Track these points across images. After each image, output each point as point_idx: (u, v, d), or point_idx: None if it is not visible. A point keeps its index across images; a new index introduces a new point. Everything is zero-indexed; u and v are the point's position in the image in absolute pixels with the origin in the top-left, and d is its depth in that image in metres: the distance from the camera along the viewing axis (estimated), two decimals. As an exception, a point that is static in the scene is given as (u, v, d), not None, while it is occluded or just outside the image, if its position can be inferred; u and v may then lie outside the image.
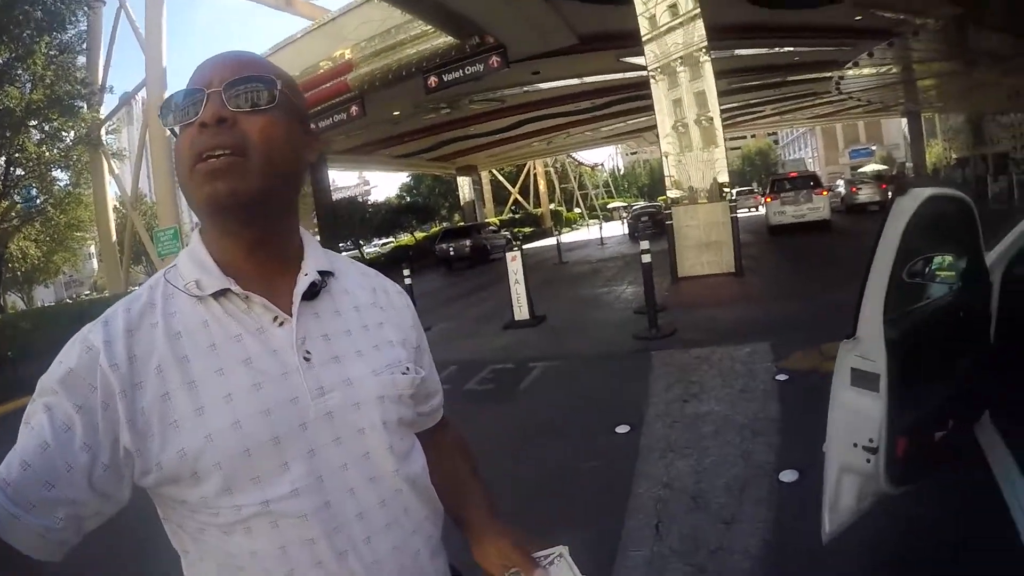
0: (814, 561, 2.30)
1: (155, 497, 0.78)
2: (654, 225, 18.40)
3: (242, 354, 0.77)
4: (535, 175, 42.82)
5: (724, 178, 10.40)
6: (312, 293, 0.83)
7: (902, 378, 1.81)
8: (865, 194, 21.49)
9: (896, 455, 1.82)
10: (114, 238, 20.43)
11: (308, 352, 0.80)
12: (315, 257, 0.87)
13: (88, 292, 48.50)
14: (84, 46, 17.37)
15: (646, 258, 6.76)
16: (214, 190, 0.74)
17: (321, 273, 0.86)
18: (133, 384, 0.73)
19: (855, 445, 1.86)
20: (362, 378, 0.83)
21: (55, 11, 14.30)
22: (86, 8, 16.61)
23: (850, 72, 20.53)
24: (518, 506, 3.01)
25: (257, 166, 0.75)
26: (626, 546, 2.68)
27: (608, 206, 52.84)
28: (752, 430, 3.76)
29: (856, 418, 1.87)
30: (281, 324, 0.80)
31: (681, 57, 10.31)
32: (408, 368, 0.88)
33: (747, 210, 26.26)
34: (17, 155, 17.12)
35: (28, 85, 15.85)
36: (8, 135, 15.75)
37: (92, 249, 34.37)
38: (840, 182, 24.79)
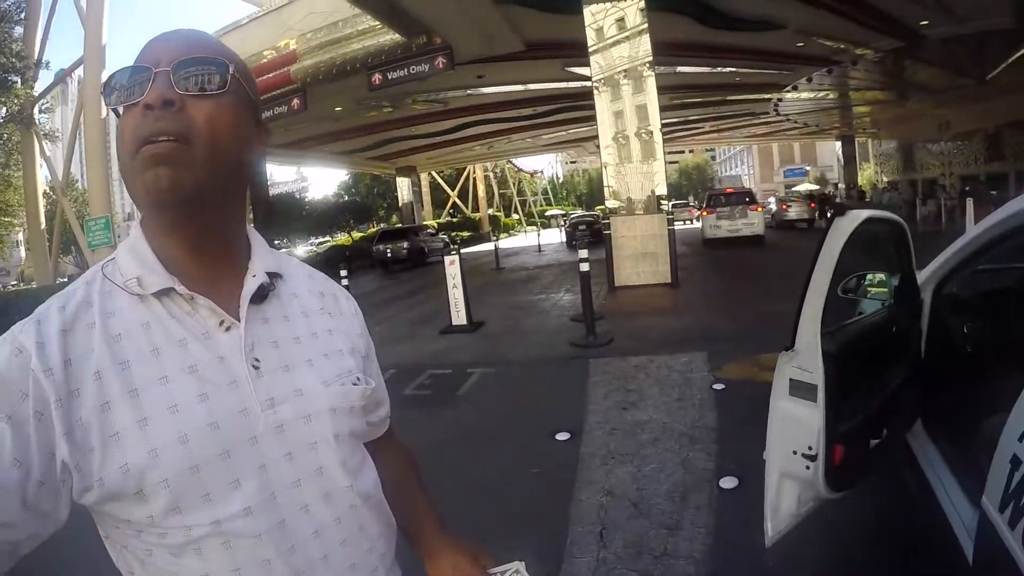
0: (756, 565, 2.37)
1: (97, 516, 0.71)
2: (591, 234, 18.71)
3: (187, 360, 0.71)
4: (475, 179, 42.84)
5: (662, 191, 10.64)
6: (260, 296, 0.78)
7: (839, 388, 1.88)
8: (795, 212, 22.47)
9: (834, 462, 1.89)
10: (43, 225, 18.98)
11: (257, 360, 0.75)
12: (262, 257, 0.81)
13: (15, 283, 45.15)
14: (22, 16, 16.37)
15: (584, 267, 6.84)
16: (156, 178, 0.68)
17: (269, 275, 0.81)
18: (69, 391, 0.66)
19: (795, 453, 1.92)
20: (313, 389, 0.78)
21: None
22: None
23: (789, 95, 21.48)
24: (461, 513, 2.96)
25: (202, 156, 0.69)
26: (571, 552, 2.69)
27: (546, 213, 53.36)
28: (691, 438, 3.85)
29: (795, 426, 1.93)
30: (228, 329, 0.74)
31: (625, 70, 10.51)
32: (359, 379, 0.84)
33: (683, 223, 27.05)
34: None
35: None
36: None
37: (20, 236, 32.04)
38: (771, 199, 25.92)
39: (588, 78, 11.52)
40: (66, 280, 17.60)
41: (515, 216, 52.04)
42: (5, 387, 0.64)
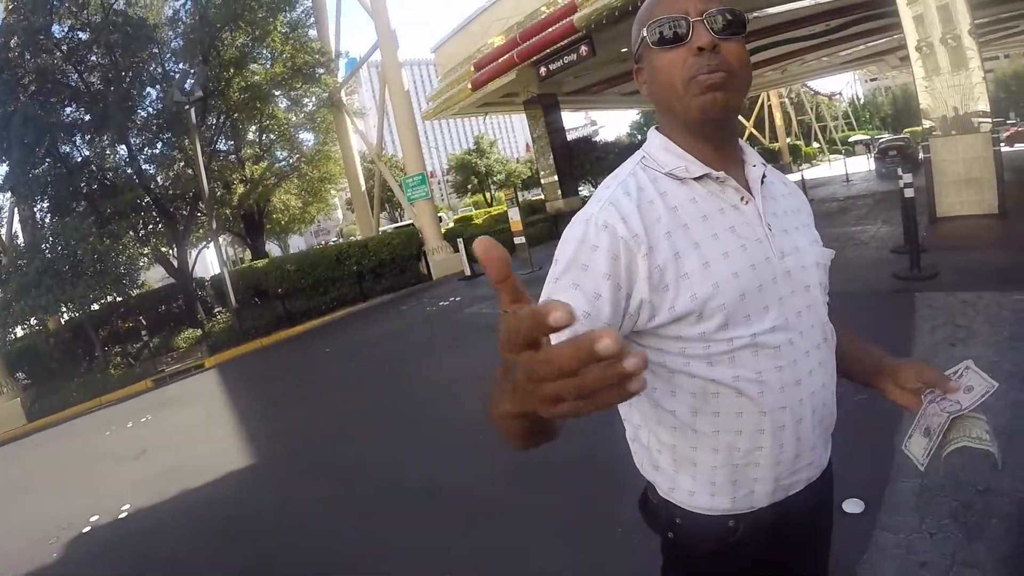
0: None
1: (641, 341, 0.98)
2: (904, 159, 16.22)
3: (727, 223, 0.97)
4: (770, 107, 39.32)
5: (982, 106, 8.78)
6: (759, 180, 1.03)
7: None
8: None
9: None
10: (363, 187, 22.78)
11: (768, 224, 1.00)
12: (753, 154, 1.06)
13: (335, 239, 54.18)
14: (312, 21, 19.28)
15: (908, 192, 6.22)
16: (713, 101, 0.92)
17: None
18: (649, 248, 0.92)
19: None
20: (805, 247, 1.03)
21: (282, -7, 16.01)
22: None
23: None
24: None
25: (739, 83, 0.94)
26: (895, 478, 2.72)
27: (849, 139, 47.23)
28: (1021, 379, 3.45)
29: None
30: (746, 203, 0.99)
31: None
32: (822, 244, 1.09)
33: (1002, 144, 21.77)
34: (268, 123, 19.94)
35: (268, 62, 18.19)
36: (258, 106, 18.29)
37: (337, 201, 38.37)
38: None
39: None
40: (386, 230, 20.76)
41: (815, 144, 47.20)
42: (599, 254, 0.91)
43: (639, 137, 37.56)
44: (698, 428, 0.98)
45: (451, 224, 29.77)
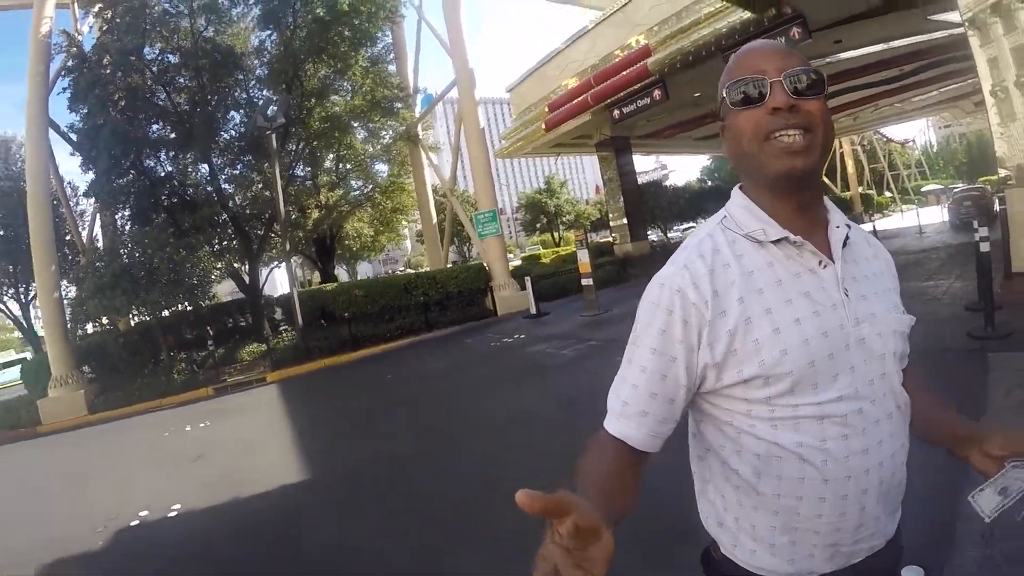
0: None
1: (711, 400, 1.01)
2: (979, 211, 15.48)
3: (802, 288, 0.97)
4: (842, 154, 38.45)
5: None
6: (842, 243, 1.01)
7: None
8: None
9: None
10: (434, 220, 23.35)
11: (846, 290, 0.99)
12: (838, 214, 1.05)
13: (402, 268, 55.86)
14: (392, 56, 20.00)
15: (984, 247, 6.02)
16: (792, 164, 0.93)
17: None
18: (717, 312, 0.94)
19: None
20: (882, 314, 1.01)
21: (363, 29, 16.71)
22: (390, 23, 19.25)
23: None
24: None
25: (818, 143, 0.95)
26: (960, 544, 2.59)
27: (922, 188, 45.41)
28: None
29: None
30: (824, 267, 0.98)
31: (992, 6, 8.35)
32: (903, 311, 1.07)
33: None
34: (345, 152, 20.69)
35: (349, 94, 18.94)
36: (337, 136, 18.99)
37: (406, 231, 39.33)
38: None
39: (956, 24, 9.42)
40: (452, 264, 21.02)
41: (887, 193, 45.53)
42: (676, 318, 0.95)
43: (709, 183, 37.17)
44: (760, 489, 0.99)
45: (518, 262, 30.12)
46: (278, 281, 23.11)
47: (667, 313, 0.96)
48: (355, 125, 19.74)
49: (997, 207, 8.93)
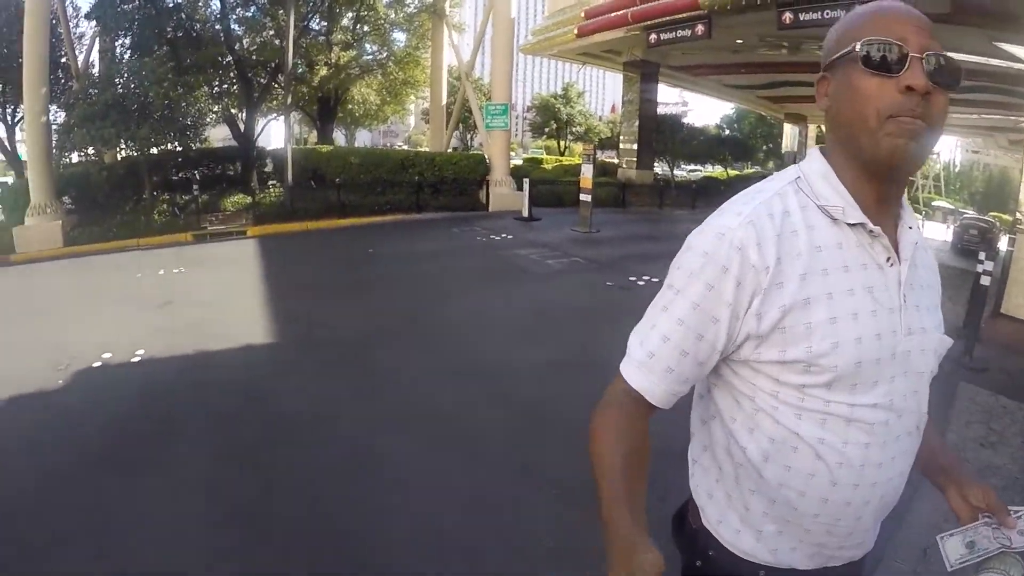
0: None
1: (736, 368, 0.94)
2: (982, 242, 15.57)
3: (867, 281, 0.89)
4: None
5: None
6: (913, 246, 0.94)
7: None
8: None
9: None
10: (443, 102, 22.49)
11: (905, 295, 0.92)
12: (910, 214, 0.96)
13: (401, 144, 54.36)
14: None
15: (985, 280, 6.08)
16: (904, 148, 0.82)
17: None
18: (775, 282, 0.85)
19: None
20: (930, 329, 0.95)
21: None
22: None
23: None
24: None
25: (934, 138, 0.84)
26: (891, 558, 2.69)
27: (932, 202, 45.44)
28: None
29: None
30: (892, 265, 0.91)
31: None
32: (944, 332, 0.99)
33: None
34: (365, 13, 19.64)
35: None
36: None
37: (412, 108, 38.49)
38: None
39: (1018, 59, 9.11)
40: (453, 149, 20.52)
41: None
42: (730, 277, 0.86)
43: (727, 132, 36.30)
44: (764, 474, 0.94)
45: (519, 161, 29.51)
46: (272, 135, 22.48)
47: (721, 269, 0.86)
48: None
49: (1004, 245, 8.90)
